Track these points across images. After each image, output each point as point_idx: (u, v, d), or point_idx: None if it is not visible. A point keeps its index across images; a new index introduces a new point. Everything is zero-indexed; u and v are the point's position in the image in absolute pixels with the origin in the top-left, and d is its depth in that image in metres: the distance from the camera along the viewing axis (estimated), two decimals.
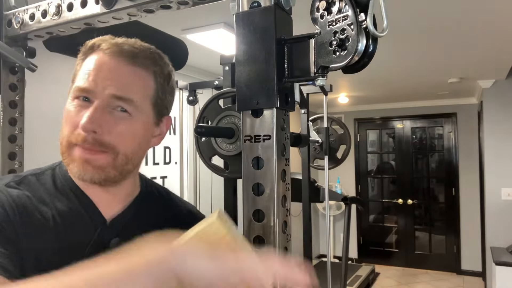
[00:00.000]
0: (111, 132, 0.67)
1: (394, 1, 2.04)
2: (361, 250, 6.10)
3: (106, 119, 0.66)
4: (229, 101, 1.42)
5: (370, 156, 6.24)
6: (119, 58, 0.68)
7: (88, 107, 0.66)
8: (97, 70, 0.67)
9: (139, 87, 0.70)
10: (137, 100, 0.69)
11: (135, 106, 0.69)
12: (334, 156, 2.85)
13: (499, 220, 4.13)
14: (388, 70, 3.66)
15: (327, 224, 2.51)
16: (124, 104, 0.68)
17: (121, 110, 0.68)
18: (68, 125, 0.67)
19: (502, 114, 4.17)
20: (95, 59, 0.68)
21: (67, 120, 0.68)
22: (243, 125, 0.72)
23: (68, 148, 0.67)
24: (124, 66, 0.68)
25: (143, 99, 0.70)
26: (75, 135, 0.66)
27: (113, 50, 0.68)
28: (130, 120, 0.69)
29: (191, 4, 0.87)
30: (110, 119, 0.67)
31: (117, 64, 0.68)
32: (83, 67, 0.69)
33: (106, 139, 0.66)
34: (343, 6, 0.67)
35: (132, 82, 0.69)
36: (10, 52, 1.11)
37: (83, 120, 0.65)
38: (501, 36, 2.66)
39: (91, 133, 0.65)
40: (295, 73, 0.71)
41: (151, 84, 0.71)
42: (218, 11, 2.14)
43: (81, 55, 0.72)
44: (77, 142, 0.66)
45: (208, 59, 3.06)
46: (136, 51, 0.70)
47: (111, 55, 0.68)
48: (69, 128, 0.67)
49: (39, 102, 2.14)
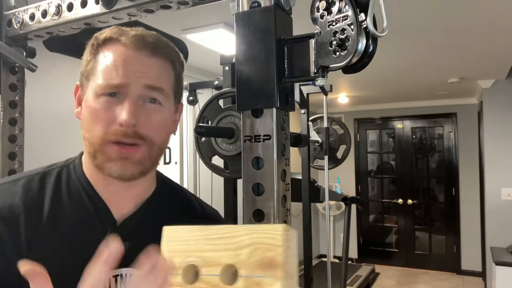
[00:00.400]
0: (147, 125, 0.67)
1: (394, 1, 2.04)
2: (361, 250, 6.10)
3: (142, 111, 0.66)
4: (229, 101, 1.42)
5: (370, 156, 6.24)
6: (143, 51, 0.68)
7: (119, 103, 0.66)
8: (126, 64, 0.66)
9: (165, 76, 0.71)
10: (166, 88, 0.70)
11: (165, 95, 0.70)
12: (334, 156, 2.85)
13: (499, 220, 4.13)
14: (388, 70, 3.66)
15: (327, 224, 2.51)
16: (156, 93, 0.68)
17: (151, 101, 0.68)
18: (100, 123, 0.65)
19: (502, 114, 4.16)
20: (118, 54, 0.67)
21: (97, 118, 0.66)
22: (243, 125, 0.72)
23: (103, 146, 0.66)
24: (149, 58, 0.68)
25: (169, 88, 0.71)
26: (113, 131, 0.65)
27: (136, 44, 0.67)
28: (161, 110, 0.69)
29: (191, 4, 0.87)
30: (144, 111, 0.67)
31: (143, 56, 0.68)
32: (103, 62, 0.67)
33: (144, 132, 0.66)
34: (343, 6, 0.67)
35: (159, 72, 0.69)
36: (10, 52, 1.11)
37: (124, 116, 0.64)
38: (501, 36, 2.66)
39: (131, 127, 0.65)
40: (295, 73, 0.71)
41: (171, 72, 0.72)
42: (218, 11, 2.14)
43: (93, 50, 0.70)
44: (117, 138, 0.65)
45: (208, 59, 3.06)
46: (157, 42, 0.70)
47: (135, 48, 0.67)
48: (102, 126, 0.65)
49: (39, 102, 2.14)
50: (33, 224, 0.67)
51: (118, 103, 0.66)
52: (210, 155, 1.34)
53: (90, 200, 0.70)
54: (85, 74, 0.70)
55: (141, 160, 0.67)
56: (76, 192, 0.71)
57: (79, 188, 0.71)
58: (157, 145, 0.69)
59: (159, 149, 0.70)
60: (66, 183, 0.72)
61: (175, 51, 0.74)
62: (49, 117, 2.17)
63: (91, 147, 0.67)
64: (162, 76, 0.70)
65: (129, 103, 0.65)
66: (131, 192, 0.73)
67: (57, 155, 0.80)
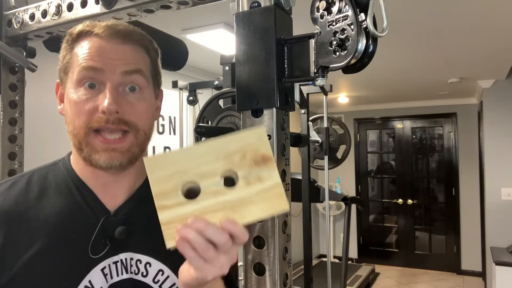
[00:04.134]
0: (131, 111, 0.68)
1: (394, 1, 2.04)
2: (361, 250, 6.10)
3: (123, 99, 0.67)
4: (229, 101, 1.42)
5: (370, 156, 6.24)
6: (116, 39, 0.69)
7: (98, 93, 0.66)
8: (100, 52, 0.67)
9: (142, 61, 0.71)
10: (144, 70, 0.71)
11: (144, 76, 0.70)
12: (334, 156, 2.85)
13: (499, 220, 4.13)
14: (388, 70, 3.66)
15: (327, 224, 2.51)
16: (135, 77, 0.69)
17: (131, 89, 0.69)
18: (82, 114, 0.66)
19: (502, 114, 4.16)
20: (91, 44, 0.68)
21: (78, 109, 0.66)
22: (243, 125, 0.72)
23: (87, 137, 0.66)
24: (123, 45, 0.69)
25: (147, 71, 0.72)
26: (96, 119, 0.65)
27: (109, 32, 0.68)
28: (143, 98, 0.70)
29: (191, 4, 0.87)
30: (126, 99, 0.68)
31: (117, 44, 0.69)
32: (79, 53, 0.68)
33: (128, 118, 0.67)
34: (343, 6, 0.67)
35: (134, 57, 0.70)
36: (10, 52, 1.11)
37: (106, 102, 0.64)
38: (501, 36, 2.66)
39: (114, 114, 0.65)
40: (295, 73, 0.71)
41: (146, 57, 0.73)
42: (218, 11, 2.14)
43: (68, 45, 0.71)
44: (100, 125, 0.65)
45: (208, 59, 3.06)
46: (128, 29, 0.71)
47: (108, 37, 0.68)
48: (84, 117, 0.66)
49: (39, 102, 2.13)
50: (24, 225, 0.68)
51: (98, 93, 0.66)
52: None
53: (81, 194, 0.71)
54: (63, 69, 0.71)
55: (129, 147, 0.68)
56: (66, 188, 0.72)
57: (69, 184, 0.72)
58: (143, 131, 0.70)
59: (144, 134, 0.71)
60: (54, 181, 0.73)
61: (148, 38, 0.75)
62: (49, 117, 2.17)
63: (76, 139, 0.68)
64: (138, 60, 0.71)
65: (110, 91, 0.66)
66: (122, 183, 0.73)
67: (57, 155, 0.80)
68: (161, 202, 0.53)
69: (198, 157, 0.54)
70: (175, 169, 0.54)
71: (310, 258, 2.32)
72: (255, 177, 0.54)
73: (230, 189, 0.53)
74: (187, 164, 0.54)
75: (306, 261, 2.30)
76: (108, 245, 0.68)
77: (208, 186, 0.53)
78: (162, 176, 0.53)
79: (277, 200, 0.53)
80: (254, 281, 0.70)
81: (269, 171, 0.54)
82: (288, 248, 0.73)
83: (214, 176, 0.54)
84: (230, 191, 0.53)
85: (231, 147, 0.54)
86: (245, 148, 0.54)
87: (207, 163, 0.54)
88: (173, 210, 0.52)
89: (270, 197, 0.53)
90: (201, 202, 0.53)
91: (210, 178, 0.54)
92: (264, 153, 0.54)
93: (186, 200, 0.53)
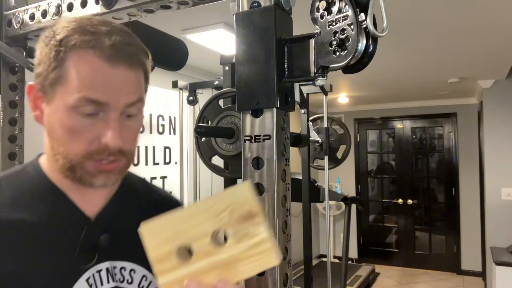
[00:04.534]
0: (129, 140, 0.67)
1: (394, 1, 2.04)
2: (361, 250, 6.10)
3: (123, 125, 0.65)
4: (229, 101, 1.42)
5: (370, 156, 6.23)
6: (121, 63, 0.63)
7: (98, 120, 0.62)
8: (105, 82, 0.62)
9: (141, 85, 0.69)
10: (143, 96, 0.69)
11: (142, 102, 0.69)
12: (334, 156, 2.86)
13: (499, 220, 4.13)
14: (388, 70, 3.66)
15: (327, 224, 2.51)
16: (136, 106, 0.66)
17: (128, 116, 0.66)
18: (80, 142, 0.62)
19: (502, 114, 4.16)
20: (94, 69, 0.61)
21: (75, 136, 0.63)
22: (243, 125, 0.72)
23: (83, 162, 0.63)
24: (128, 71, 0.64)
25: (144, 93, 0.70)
26: (98, 150, 0.63)
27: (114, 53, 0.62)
28: (137, 121, 0.69)
29: (191, 4, 0.87)
30: (125, 124, 0.65)
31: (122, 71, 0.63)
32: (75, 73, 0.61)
33: (126, 148, 0.66)
34: (343, 6, 0.67)
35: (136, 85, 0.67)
36: (10, 52, 1.11)
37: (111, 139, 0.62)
38: (501, 36, 2.66)
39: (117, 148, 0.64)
40: (295, 73, 0.71)
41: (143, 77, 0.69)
42: (218, 11, 2.14)
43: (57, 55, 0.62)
44: (102, 157, 0.63)
45: (208, 59, 3.06)
46: (132, 49, 0.65)
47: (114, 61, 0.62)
48: (83, 145, 0.62)
49: None
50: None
51: (98, 121, 0.62)
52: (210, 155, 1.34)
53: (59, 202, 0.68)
54: (49, 81, 0.63)
55: (122, 170, 0.68)
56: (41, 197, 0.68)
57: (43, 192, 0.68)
58: (132, 153, 0.69)
59: (132, 155, 0.70)
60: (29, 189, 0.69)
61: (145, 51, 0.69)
62: None
63: (67, 162, 0.64)
64: (139, 87, 0.67)
65: (115, 124, 0.63)
66: (100, 192, 0.72)
67: None
68: (159, 267, 0.55)
69: (189, 219, 0.56)
70: (168, 234, 0.56)
71: (310, 258, 2.32)
72: (243, 234, 0.55)
73: (221, 248, 0.55)
74: (179, 227, 0.56)
75: (306, 261, 2.30)
76: (92, 254, 0.67)
77: (200, 247, 0.55)
78: (157, 242, 0.56)
79: (266, 255, 0.54)
80: (255, 282, 0.70)
81: (256, 227, 0.55)
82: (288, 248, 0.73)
83: (204, 237, 0.55)
84: (221, 250, 0.55)
85: (220, 205, 0.56)
86: (232, 206, 0.55)
87: (197, 225, 0.56)
88: (170, 274, 0.55)
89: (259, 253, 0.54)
90: (195, 263, 0.55)
91: (201, 239, 0.55)
92: (250, 208, 0.55)
93: (180, 263, 0.55)
